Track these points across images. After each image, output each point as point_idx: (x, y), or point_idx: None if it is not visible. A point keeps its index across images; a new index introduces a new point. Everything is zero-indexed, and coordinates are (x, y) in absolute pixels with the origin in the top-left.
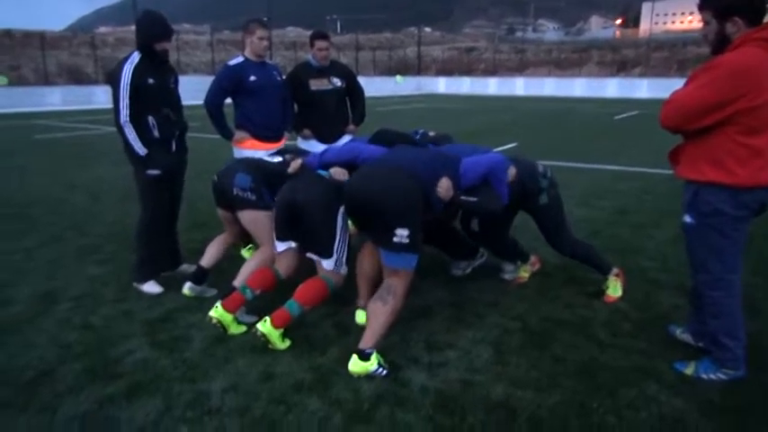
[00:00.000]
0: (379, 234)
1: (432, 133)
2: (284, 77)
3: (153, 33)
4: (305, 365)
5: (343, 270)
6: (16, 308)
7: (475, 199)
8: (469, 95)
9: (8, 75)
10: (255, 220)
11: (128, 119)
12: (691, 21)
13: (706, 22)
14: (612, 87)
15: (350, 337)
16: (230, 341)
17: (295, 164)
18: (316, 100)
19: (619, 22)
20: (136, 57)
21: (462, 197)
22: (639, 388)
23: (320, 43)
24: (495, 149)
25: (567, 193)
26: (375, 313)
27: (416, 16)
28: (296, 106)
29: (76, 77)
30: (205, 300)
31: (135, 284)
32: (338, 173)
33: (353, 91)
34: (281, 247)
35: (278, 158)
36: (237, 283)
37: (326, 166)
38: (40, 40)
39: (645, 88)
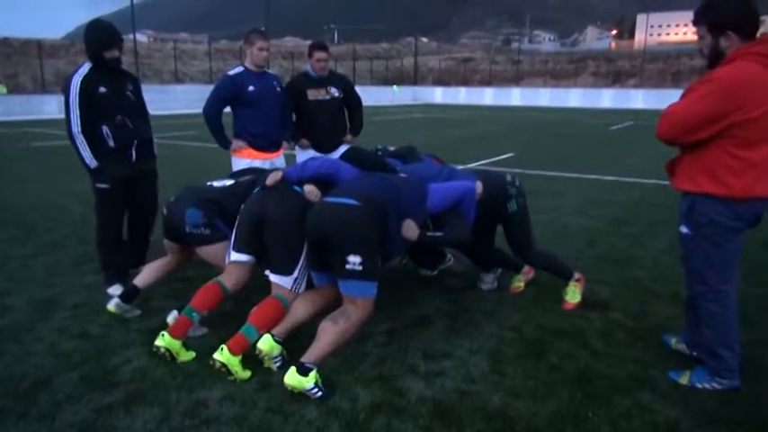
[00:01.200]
0: (334, 263)
1: (391, 148)
2: (284, 88)
3: (100, 42)
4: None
5: (301, 290)
6: (14, 315)
7: (440, 234)
8: (466, 105)
9: (5, 83)
10: (213, 253)
11: (79, 129)
12: (685, 33)
13: (701, 37)
14: (608, 98)
15: (347, 348)
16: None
17: (275, 176)
18: (313, 110)
19: (614, 33)
20: (86, 67)
21: (428, 233)
22: (634, 397)
23: (319, 54)
24: (492, 159)
25: (563, 202)
26: (324, 331)
27: (413, 26)
28: (294, 116)
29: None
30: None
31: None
32: (311, 192)
33: (351, 101)
34: (235, 257)
35: (229, 181)
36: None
37: (303, 182)
38: (38, 48)
39: (640, 99)
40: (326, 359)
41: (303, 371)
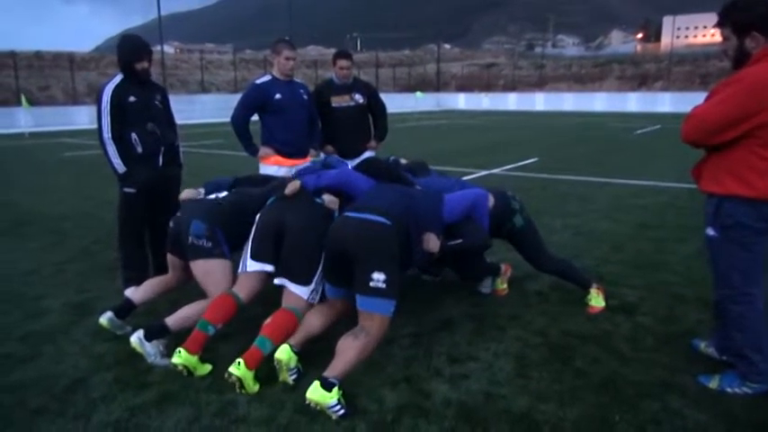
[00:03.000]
0: (357, 279)
1: (403, 161)
2: (310, 95)
3: (131, 54)
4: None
5: (316, 301)
6: (50, 319)
7: (460, 240)
8: (489, 111)
9: (33, 96)
10: (208, 270)
11: (110, 135)
12: (713, 34)
13: (725, 38)
14: (633, 102)
15: None
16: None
17: (293, 185)
18: (337, 116)
19: (640, 36)
20: (118, 78)
21: (449, 243)
22: (663, 402)
23: (342, 62)
24: (516, 164)
25: (589, 207)
26: (346, 347)
27: (436, 33)
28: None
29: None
30: (242, 312)
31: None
32: (332, 202)
33: (375, 107)
34: (254, 266)
35: (223, 193)
36: (170, 321)
37: (320, 191)
38: (69, 61)
39: (667, 102)
40: (348, 375)
41: (327, 386)
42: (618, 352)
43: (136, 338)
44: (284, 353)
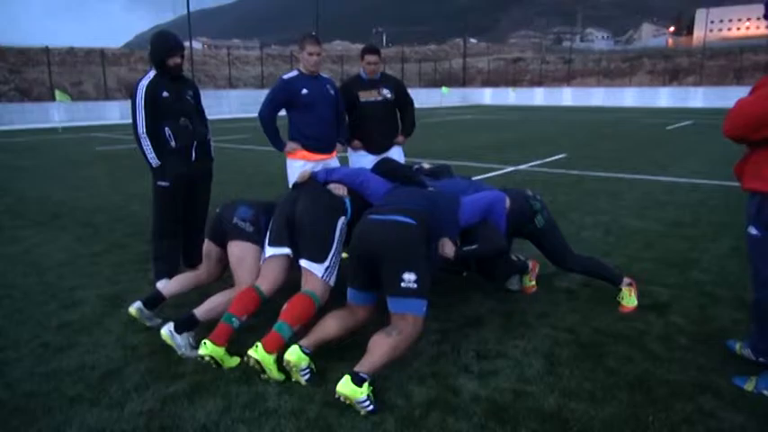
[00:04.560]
0: (387, 280)
1: (426, 166)
2: (337, 90)
3: (163, 50)
4: None
5: (332, 282)
6: (85, 310)
7: (475, 246)
8: (515, 106)
9: (68, 91)
10: (244, 253)
11: (144, 130)
12: (748, 27)
13: None
14: (665, 97)
15: None
16: (284, 347)
17: (304, 173)
18: (365, 111)
19: (671, 29)
20: (151, 74)
21: (465, 248)
22: (696, 403)
23: (370, 57)
24: (543, 160)
25: (620, 204)
26: (377, 343)
27: (462, 28)
28: (347, 118)
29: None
30: (267, 305)
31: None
32: (337, 188)
33: (403, 103)
34: (271, 251)
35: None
36: (199, 312)
37: (330, 183)
38: (101, 57)
39: (700, 97)
40: (379, 372)
41: (358, 381)
42: (650, 351)
43: (167, 331)
44: (293, 354)
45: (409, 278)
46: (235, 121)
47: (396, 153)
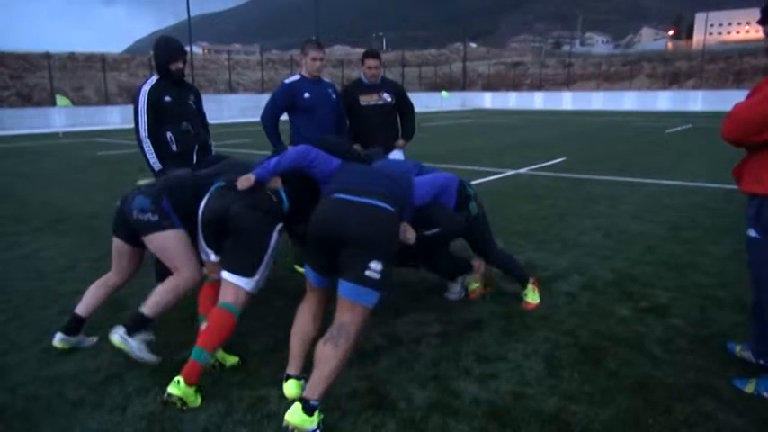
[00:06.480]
0: (350, 265)
1: (357, 146)
2: (338, 95)
3: (166, 55)
4: (358, 374)
5: (257, 291)
6: None
7: (437, 230)
8: (516, 110)
9: (69, 96)
10: (165, 242)
11: (146, 134)
12: (747, 31)
13: None
14: (665, 100)
15: (401, 347)
16: (285, 350)
17: (247, 181)
18: (365, 115)
19: (671, 33)
20: (154, 79)
21: (426, 232)
22: (696, 405)
23: (370, 62)
24: (543, 164)
25: (620, 207)
26: (326, 358)
27: (462, 32)
28: (348, 122)
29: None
30: (265, 305)
31: None
32: (273, 181)
33: (403, 106)
34: (215, 257)
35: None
36: (146, 309)
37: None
38: (102, 62)
39: (699, 101)
40: (328, 391)
41: (309, 410)
42: (650, 354)
43: (117, 336)
44: (293, 388)
45: (375, 267)
46: (235, 126)
47: (396, 156)
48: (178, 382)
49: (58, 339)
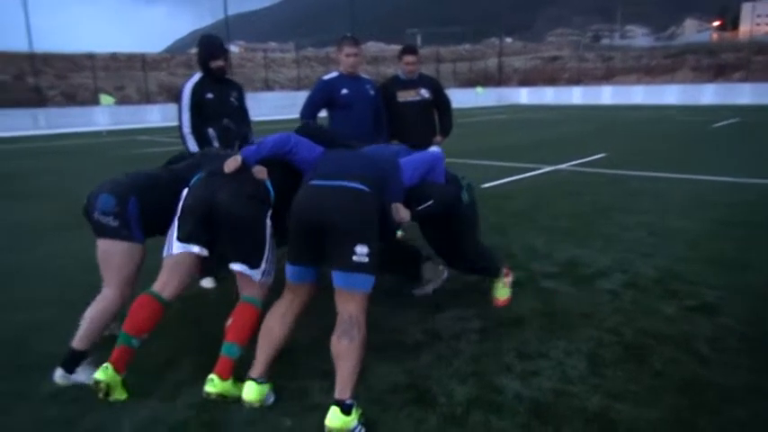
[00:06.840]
0: (337, 254)
1: (394, 142)
2: (377, 90)
3: (206, 53)
4: (399, 369)
5: (270, 280)
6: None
7: (431, 202)
8: (553, 106)
9: (114, 95)
10: (107, 251)
11: (189, 129)
12: None
13: None
14: (710, 94)
15: (441, 343)
16: (327, 342)
17: (234, 162)
18: (403, 111)
19: (716, 24)
20: (197, 76)
21: (419, 208)
22: (747, 407)
23: (408, 57)
24: (582, 160)
25: (665, 204)
26: (345, 355)
27: (497, 27)
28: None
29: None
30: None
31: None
32: (259, 171)
33: (441, 102)
34: (179, 248)
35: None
36: (76, 343)
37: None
38: (142, 62)
39: (747, 94)
40: (357, 387)
41: (346, 410)
42: (698, 353)
43: (60, 377)
44: (252, 392)
45: (361, 251)
46: (271, 123)
47: None
48: (212, 380)
49: (59, 377)
